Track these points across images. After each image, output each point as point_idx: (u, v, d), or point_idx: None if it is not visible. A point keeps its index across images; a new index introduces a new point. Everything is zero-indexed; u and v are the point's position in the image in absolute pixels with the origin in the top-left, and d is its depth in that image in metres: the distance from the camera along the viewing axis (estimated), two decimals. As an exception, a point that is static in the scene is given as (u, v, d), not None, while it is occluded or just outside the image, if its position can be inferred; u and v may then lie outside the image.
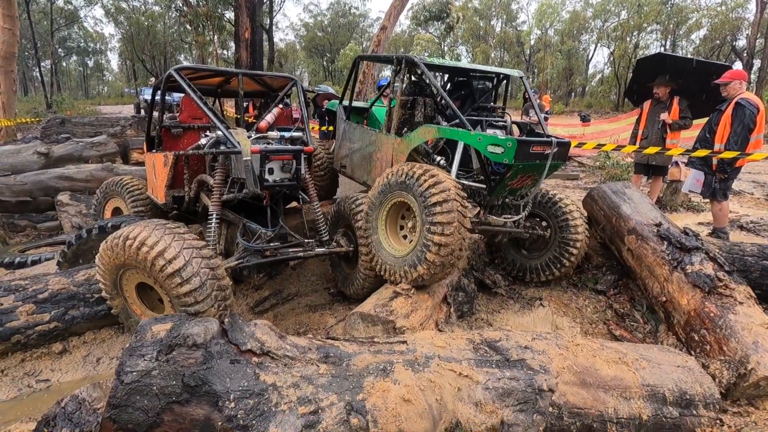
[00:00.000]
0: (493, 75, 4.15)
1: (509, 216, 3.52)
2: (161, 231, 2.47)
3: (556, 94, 36.03)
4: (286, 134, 3.36)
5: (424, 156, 3.62)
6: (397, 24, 14.39)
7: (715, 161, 4.44)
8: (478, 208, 3.53)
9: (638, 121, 5.85)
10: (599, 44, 37.16)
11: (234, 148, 2.93)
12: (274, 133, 3.30)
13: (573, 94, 39.72)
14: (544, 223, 3.79)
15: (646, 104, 5.71)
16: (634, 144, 5.78)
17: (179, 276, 2.37)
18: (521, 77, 3.98)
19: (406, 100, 3.81)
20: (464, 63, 4.06)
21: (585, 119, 16.59)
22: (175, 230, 2.52)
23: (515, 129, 3.84)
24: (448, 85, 4.37)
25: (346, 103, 4.51)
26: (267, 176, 3.04)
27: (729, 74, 4.48)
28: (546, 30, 37.58)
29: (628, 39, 31.90)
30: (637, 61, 6.30)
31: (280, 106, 4.33)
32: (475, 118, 3.73)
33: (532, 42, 39.73)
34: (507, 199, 3.54)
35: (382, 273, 3.15)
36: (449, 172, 3.16)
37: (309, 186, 3.44)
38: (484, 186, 3.40)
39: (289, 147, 3.16)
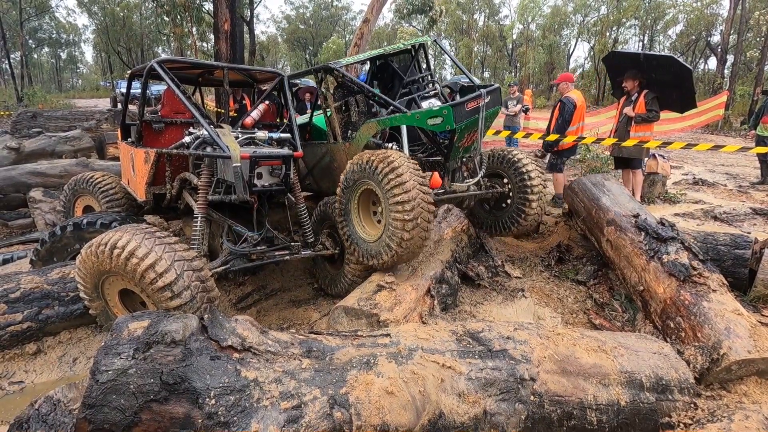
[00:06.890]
0: (409, 48, 4.34)
1: (470, 180, 3.80)
2: (151, 241, 2.39)
3: (538, 88, 36.40)
4: (275, 135, 3.27)
5: (376, 149, 3.68)
6: (380, 17, 14.30)
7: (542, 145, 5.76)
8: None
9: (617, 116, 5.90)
10: (580, 39, 37.65)
11: (223, 153, 2.80)
12: (261, 134, 3.20)
13: (554, 88, 40.16)
14: (505, 181, 4.12)
15: (622, 99, 5.68)
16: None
17: (170, 290, 2.31)
18: (434, 41, 4.20)
19: (339, 105, 3.92)
20: (375, 51, 4.26)
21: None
22: (165, 240, 2.44)
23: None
24: (374, 73, 4.53)
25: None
26: (256, 181, 2.92)
27: (559, 78, 5.63)
28: (528, 24, 37.84)
29: (607, 34, 32.38)
30: (610, 53, 6.21)
31: (266, 102, 4.26)
32: (408, 97, 3.90)
33: (515, 36, 39.98)
34: (464, 159, 3.80)
35: (363, 260, 3.18)
36: None
37: (296, 188, 3.38)
38: (440, 157, 3.59)
39: (279, 152, 3.05)
